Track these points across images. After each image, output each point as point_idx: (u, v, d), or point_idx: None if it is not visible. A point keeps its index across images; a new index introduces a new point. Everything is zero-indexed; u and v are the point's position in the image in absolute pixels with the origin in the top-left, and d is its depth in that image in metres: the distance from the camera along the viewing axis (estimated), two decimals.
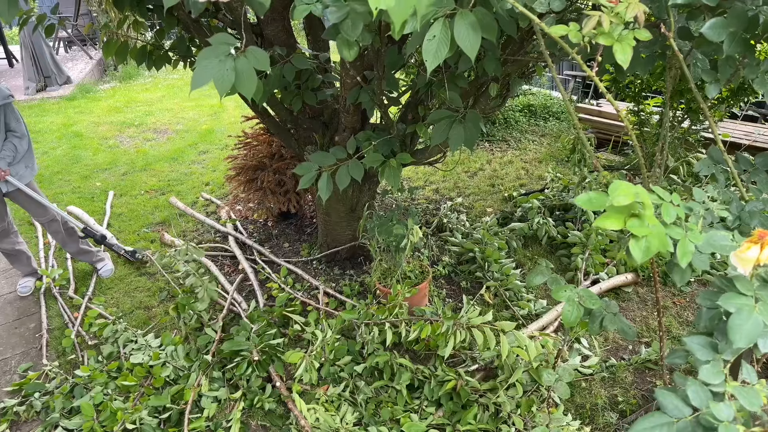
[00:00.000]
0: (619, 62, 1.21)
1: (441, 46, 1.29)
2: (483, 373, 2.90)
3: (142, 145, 6.99)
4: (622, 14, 1.20)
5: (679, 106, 4.63)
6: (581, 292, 1.57)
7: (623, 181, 1.12)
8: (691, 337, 1.29)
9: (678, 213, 1.21)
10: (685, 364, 1.43)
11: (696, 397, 1.18)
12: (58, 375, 3.10)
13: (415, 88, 3.02)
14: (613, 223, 1.10)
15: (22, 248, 3.88)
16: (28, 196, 3.62)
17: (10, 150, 3.43)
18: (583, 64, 1.29)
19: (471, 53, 1.30)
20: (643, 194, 1.09)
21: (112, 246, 4.16)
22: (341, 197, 3.59)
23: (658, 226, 1.10)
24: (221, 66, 1.46)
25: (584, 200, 1.15)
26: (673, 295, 3.56)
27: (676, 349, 1.47)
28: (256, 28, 3.02)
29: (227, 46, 1.49)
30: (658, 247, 1.08)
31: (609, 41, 1.23)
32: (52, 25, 3.04)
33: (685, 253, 1.17)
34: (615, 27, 1.21)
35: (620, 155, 5.82)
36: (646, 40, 1.23)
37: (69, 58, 11.66)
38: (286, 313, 3.40)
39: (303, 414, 2.65)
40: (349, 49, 1.63)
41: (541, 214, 4.22)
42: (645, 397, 2.83)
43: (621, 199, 1.06)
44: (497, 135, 6.56)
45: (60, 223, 3.82)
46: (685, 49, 1.73)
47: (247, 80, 1.47)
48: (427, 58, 1.31)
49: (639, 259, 1.09)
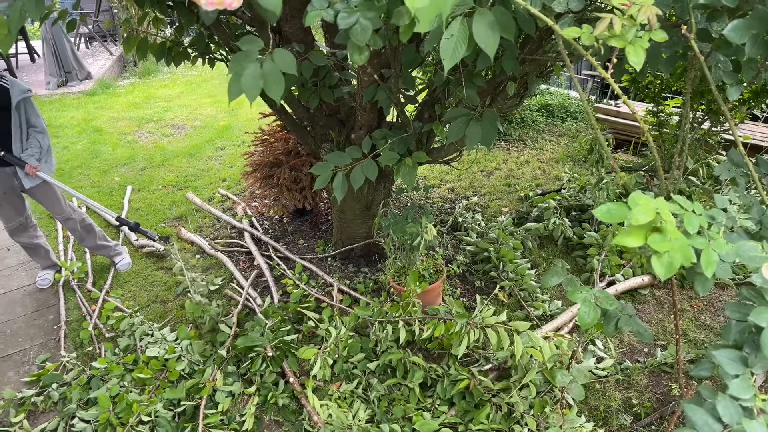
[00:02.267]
0: (632, 64, 1.20)
1: (459, 44, 1.29)
2: (496, 373, 2.89)
3: (160, 141, 7.05)
4: (634, 17, 1.18)
5: (700, 107, 4.57)
6: (597, 293, 1.56)
7: (641, 193, 1.09)
8: (720, 351, 1.27)
9: (701, 222, 1.19)
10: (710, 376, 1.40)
11: (726, 413, 1.16)
12: (75, 366, 3.15)
13: (432, 87, 3.02)
14: (633, 240, 1.08)
15: (40, 242, 3.94)
16: (46, 194, 3.67)
17: (35, 146, 3.48)
18: (597, 65, 1.28)
19: (490, 52, 1.30)
20: (663, 208, 1.07)
21: (145, 233, 4.21)
22: (356, 195, 3.60)
23: (680, 239, 1.08)
24: (251, 72, 1.46)
25: (603, 212, 1.12)
26: (690, 298, 3.52)
27: (702, 360, 1.44)
28: (275, 26, 3.03)
29: (256, 49, 1.50)
30: (681, 261, 1.06)
31: (621, 43, 1.22)
32: (74, 20, 3.07)
33: (709, 264, 1.15)
34: (628, 29, 1.19)
35: (639, 156, 5.76)
36: (662, 41, 1.22)
37: (89, 53, 11.80)
38: (300, 310, 3.41)
39: (316, 410, 2.66)
40: (360, 54, 1.64)
41: (557, 214, 4.19)
42: (660, 400, 2.81)
43: (640, 217, 1.04)
44: (514, 134, 6.52)
45: (76, 221, 3.87)
46: (706, 50, 1.71)
47: (274, 83, 1.48)
48: (445, 57, 1.31)
49: (662, 276, 1.07)
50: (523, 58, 2.54)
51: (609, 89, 7.43)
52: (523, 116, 6.78)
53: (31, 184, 3.53)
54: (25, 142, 3.47)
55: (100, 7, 11.36)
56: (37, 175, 3.48)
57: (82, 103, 8.66)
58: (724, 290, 3.59)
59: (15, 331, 3.61)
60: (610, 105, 6.17)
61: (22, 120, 3.42)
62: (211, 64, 3.38)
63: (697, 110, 4.60)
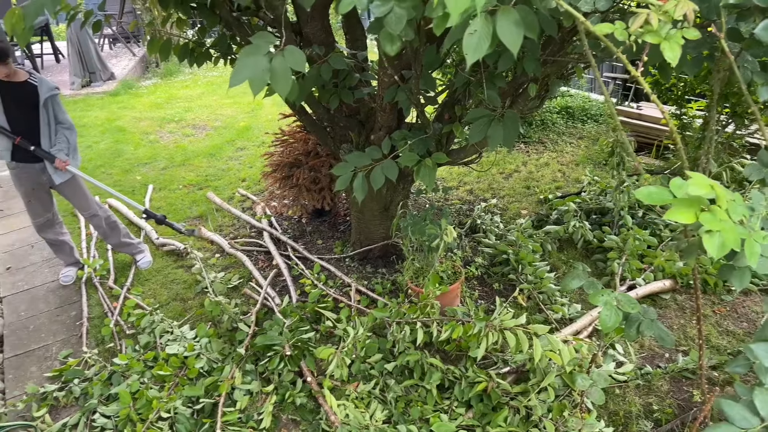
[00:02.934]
0: (668, 60, 1.19)
1: (482, 40, 1.28)
2: (514, 376, 2.87)
3: (181, 141, 7.13)
4: (671, 12, 1.17)
5: (724, 110, 4.50)
6: (619, 296, 1.55)
7: (695, 172, 1.08)
8: (758, 344, 1.25)
9: (743, 212, 1.17)
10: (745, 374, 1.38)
11: (764, 407, 1.15)
12: (96, 362, 3.19)
13: (453, 88, 3.01)
14: (683, 216, 1.07)
15: (65, 239, 4.00)
16: (74, 190, 3.73)
17: (63, 142, 3.54)
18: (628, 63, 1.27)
19: (513, 48, 1.29)
20: (718, 187, 1.06)
21: (172, 225, 4.26)
22: (375, 196, 3.60)
23: (729, 222, 1.07)
24: (257, 65, 1.47)
25: (645, 194, 1.12)
26: (713, 304, 3.47)
27: (737, 357, 1.43)
28: (296, 27, 3.05)
29: (267, 45, 1.51)
30: (732, 243, 1.05)
31: (657, 39, 1.20)
32: (99, 21, 3.12)
33: (753, 253, 1.13)
34: (663, 25, 1.18)
35: (660, 159, 5.69)
36: (695, 39, 1.20)
37: (113, 54, 11.97)
38: (318, 309, 3.42)
39: (333, 410, 2.67)
40: (392, 44, 1.63)
41: (577, 217, 4.15)
42: (681, 406, 2.77)
43: (695, 189, 1.04)
44: (533, 136, 6.48)
45: (102, 218, 3.92)
46: (734, 50, 1.68)
47: (282, 79, 1.49)
48: (468, 52, 1.30)
49: (715, 255, 1.06)
50: (544, 59, 2.52)
51: (630, 92, 7.35)
52: (543, 118, 6.73)
53: (60, 180, 3.58)
54: (53, 138, 3.54)
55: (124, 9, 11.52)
56: (66, 169, 3.54)
57: (106, 103, 8.79)
58: (747, 296, 3.53)
59: (38, 326, 3.67)
60: (632, 108, 6.10)
61: (50, 117, 3.48)
62: (233, 64, 3.40)
63: (722, 113, 4.54)
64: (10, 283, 4.18)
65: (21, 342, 3.53)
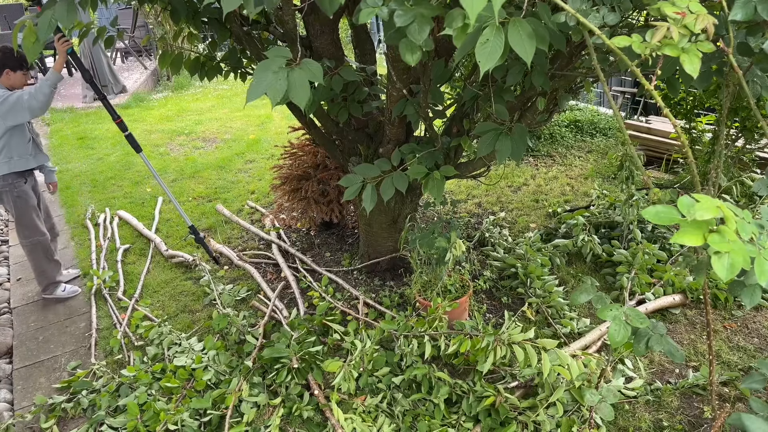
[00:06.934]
0: (688, 72, 1.19)
1: (495, 49, 1.30)
2: (522, 391, 2.85)
3: (191, 153, 7.18)
4: (690, 26, 1.18)
5: (734, 124, 4.49)
6: (628, 311, 1.54)
7: (701, 194, 1.08)
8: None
9: (753, 230, 1.17)
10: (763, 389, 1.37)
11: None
12: (105, 374, 3.20)
13: (461, 102, 3.02)
14: (691, 239, 1.07)
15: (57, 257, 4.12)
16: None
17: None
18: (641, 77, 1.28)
19: (527, 58, 1.30)
20: (725, 208, 1.06)
21: (206, 247, 4.34)
22: (383, 208, 3.61)
23: (738, 242, 1.07)
24: (275, 77, 1.50)
25: (652, 213, 1.12)
26: (724, 319, 3.43)
27: (748, 373, 1.42)
28: (305, 41, 3.08)
29: (282, 59, 1.53)
30: (741, 263, 1.05)
31: (675, 52, 1.21)
32: (111, 37, 3.17)
33: (762, 272, 1.13)
34: (682, 38, 1.19)
35: (670, 173, 5.67)
36: (710, 52, 1.21)
37: (125, 68, 12.13)
38: (326, 322, 3.42)
39: (340, 423, 2.66)
40: (413, 54, 1.64)
41: (586, 231, 4.14)
42: (691, 423, 2.73)
43: (702, 213, 1.03)
44: (542, 150, 6.48)
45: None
46: (744, 65, 1.68)
47: (300, 89, 1.51)
48: (481, 59, 1.31)
49: (724, 277, 1.06)
50: (552, 73, 2.53)
51: (639, 106, 7.35)
52: (551, 132, 6.73)
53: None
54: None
55: (136, 23, 11.68)
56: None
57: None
58: (758, 311, 3.49)
59: (47, 337, 3.68)
60: (641, 121, 6.10)
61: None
62: (243, 78, 3.44)
63: (731, 127, 4.52)
64: (21, 294, 4.21)
65: (30, 353, 3.55)
